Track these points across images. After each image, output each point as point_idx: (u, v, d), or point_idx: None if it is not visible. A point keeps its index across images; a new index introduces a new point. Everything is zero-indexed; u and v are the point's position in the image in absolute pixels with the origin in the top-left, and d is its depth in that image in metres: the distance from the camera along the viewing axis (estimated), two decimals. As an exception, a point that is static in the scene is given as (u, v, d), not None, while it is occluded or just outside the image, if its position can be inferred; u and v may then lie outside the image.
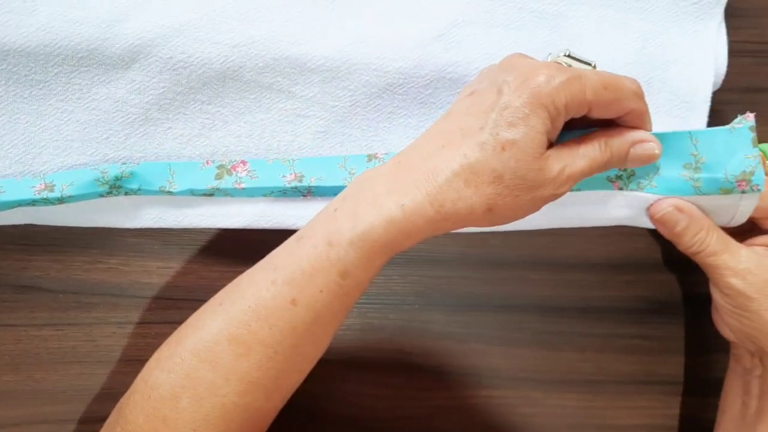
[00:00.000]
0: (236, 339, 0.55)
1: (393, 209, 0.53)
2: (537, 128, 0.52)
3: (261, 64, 0.65)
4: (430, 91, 0.67)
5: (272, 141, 0.67)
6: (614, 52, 0.68)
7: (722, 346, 0.71)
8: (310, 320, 0.55)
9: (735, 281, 0.59)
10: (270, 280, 0.55)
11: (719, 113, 0.73)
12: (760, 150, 0.61)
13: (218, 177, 0.65)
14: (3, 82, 0.65)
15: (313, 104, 0.67)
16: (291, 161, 0.66)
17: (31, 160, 0.65)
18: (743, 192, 0.59)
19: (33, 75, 0.64)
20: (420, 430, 0.73)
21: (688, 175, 0.60)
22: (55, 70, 0.64)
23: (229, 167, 0.65)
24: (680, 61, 0.69)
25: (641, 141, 0.57)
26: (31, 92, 0.65)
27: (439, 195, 0.53)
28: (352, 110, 0.67)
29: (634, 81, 0.55)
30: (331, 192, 0.65)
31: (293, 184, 0.64)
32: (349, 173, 0.65)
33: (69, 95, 0.65)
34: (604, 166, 0.57)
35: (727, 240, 0.61)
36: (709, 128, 0.61)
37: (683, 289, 0.74)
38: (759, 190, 0.58)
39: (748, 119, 0.60)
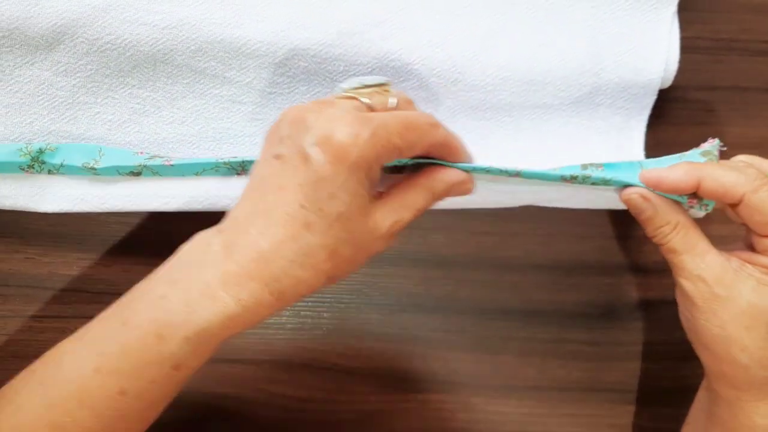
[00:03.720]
0: (59, 427, 0.54)
1: (231, 305, 0.53)
2: (358, 192, 0.54)
3: (193, 48, 0.67)
4: None
5: (206, 128, 0.69)
6: (563, 41, 0.72)
7: (671, 354, 0.75)
8: (142, 408, 0.56)
9: (685, 283, 0.61)
10: (93, 366, 0.54)
11: (672, 112, 0.77)
12: None
13: (148, 159, 0.66)
14: None
15: (249, 90, 0.69)
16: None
17: None
18: None
19: None
20: (350, 435, 0.75)
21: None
22: None
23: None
24: (630, 53, 0.72)
25: (460, 183, 0.61)
26: None
27: (277, 283, 0.54)
28: (290, 98, 0.70)
29: (425, 114, 0.58)
30: None
31: (226, 159, 0.66)
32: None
33: None
34: (428, 208, 0.61)
35: (696, 241, 0.62)
36: (659, 158, 0.65)
37: (631, 294, 0.77)
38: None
39: (702, 147, 0.64)
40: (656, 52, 0.72)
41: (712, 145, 0.63)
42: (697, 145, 0.64)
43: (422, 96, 0.71)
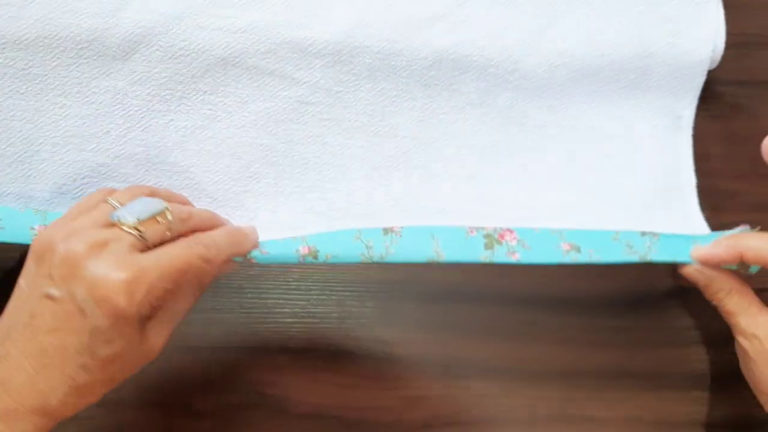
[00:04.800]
0: None
1: None
2: (133, 336, 0.57)
3: (263, 50, 0.68)
4: (433, 72, 0.72)
5: (277, 129, 0.70)
6: (615, 27, 0.75)
7: (699, 339, 0.79)
8: None
9: (741, 340, 0.71)
10: None
11: (702, 106, 0.79)
12: None
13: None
14: None
15: (317, 90, 0.70)
16: (303, 237, 0.68)
17: (29, 158, 0.67)
18: None
19: (31, 69, 0.66)
20: (393, 420, 0.77)
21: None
22: (54, 63, 0.66)
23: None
24: (679, 35, 0.75)
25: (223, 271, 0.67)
26: (28, 87, 0.66)
27: (57, 413, 0.57)
28: (356, 95, 0.71)
29: (198, 244, 0.61)
30: None
31: (308, 259, 0.67)
32: (366, 246, 0.68)
33: (68, 89, 0.67)
34: None
35: (748, 304, 0.71)
36: (710, 233, 0.73)
37: (661, 282, 0.81)
38: None
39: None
40: (704, 33, 0.76)
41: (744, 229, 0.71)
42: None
43: (481, 87, 0.73)
